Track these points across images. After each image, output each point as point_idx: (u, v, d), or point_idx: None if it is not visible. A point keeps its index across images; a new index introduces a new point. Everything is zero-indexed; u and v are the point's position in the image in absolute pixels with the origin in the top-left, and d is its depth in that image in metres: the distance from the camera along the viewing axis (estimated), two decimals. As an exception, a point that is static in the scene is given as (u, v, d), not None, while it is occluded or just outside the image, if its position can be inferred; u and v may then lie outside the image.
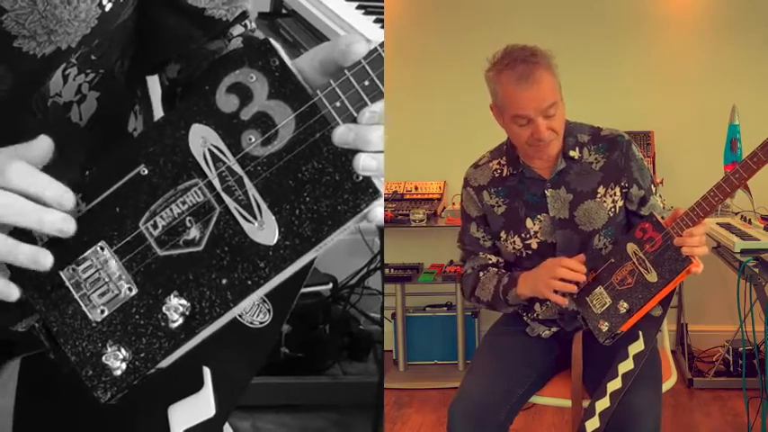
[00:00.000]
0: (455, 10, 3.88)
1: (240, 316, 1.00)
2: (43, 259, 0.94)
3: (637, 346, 1.79)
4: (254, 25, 1.28)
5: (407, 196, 3.82)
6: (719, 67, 3.75)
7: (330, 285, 2.89)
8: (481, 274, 1.98)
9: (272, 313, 0.99)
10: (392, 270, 3.63)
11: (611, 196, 1.92)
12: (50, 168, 1.12)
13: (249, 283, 0.91)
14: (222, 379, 1.00)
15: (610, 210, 1.92)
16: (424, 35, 3.92)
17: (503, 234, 1.97)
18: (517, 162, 1.95)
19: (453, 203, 3.60)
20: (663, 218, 1.93)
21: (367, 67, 0.90)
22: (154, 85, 1.45)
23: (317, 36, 2.35)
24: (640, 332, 1.80)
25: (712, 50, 3.77)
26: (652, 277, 1.77)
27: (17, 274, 0.95)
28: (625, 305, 1.78)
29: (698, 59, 3.80)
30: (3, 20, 1.02)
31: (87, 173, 0.97)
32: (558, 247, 1.93)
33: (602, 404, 1.75)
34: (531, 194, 1.94)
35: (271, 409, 2.70)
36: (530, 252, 1.95)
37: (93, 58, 1.13)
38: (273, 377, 2.75)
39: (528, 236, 1.94)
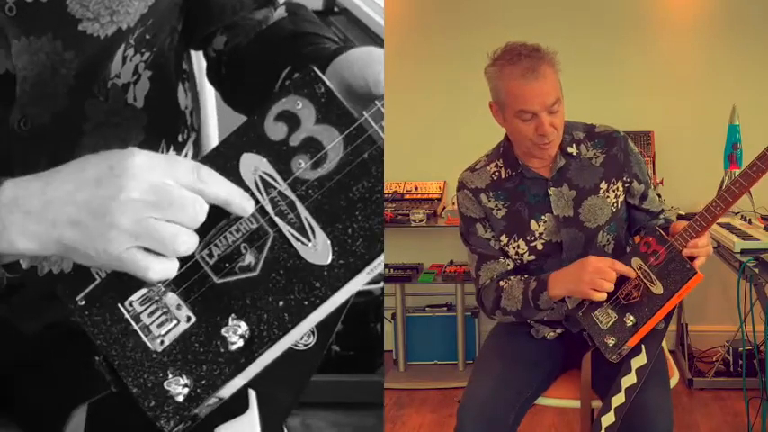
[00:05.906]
0: (456, 9, 3.87)
1: None
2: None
3: (639, 360, 1.78)
4: None
5: (407, 196, 3.82)
6: (719, 68, 3.75)
7: (381, 284, 2.89)
8: (502, 282, 1.92)
9: (316, 335, 0.99)
10: (392, 270, 3.64)
11: (613, 191, 1.92)
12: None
13: (305, 303, 0.91)
14: (268, 401, 1.00)
15: (613, 205, 1.92)
16: (423, 34, 3.91)
17: (504, 238, 1.94)
18: (516, 163, 1.93)
19: (453, 203, 3.58)
20: (663, 210, 1.98)
21: None
22: (197, 60, 1.47)
23: (368, 33, 2.35)
24: (643, 346, 1.79)
25: (712, 50, 3.78)
26: (657, 289, 1.77)
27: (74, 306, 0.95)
28: (632, 318, 1.78)
29: (698, 59, 3.80)
30: (68, 3, 1.02)
31: None
32: (564, 245, 1.92)
33: (608, 419, 1.74)
34: (532, 195, 1.92)
35: (320, 406, 2.69)
36: (534, 255, 1.93)
37: (147, 37, 1.15)
38: (324, 375, 2.74)
39: (533, 238, 1.92)
